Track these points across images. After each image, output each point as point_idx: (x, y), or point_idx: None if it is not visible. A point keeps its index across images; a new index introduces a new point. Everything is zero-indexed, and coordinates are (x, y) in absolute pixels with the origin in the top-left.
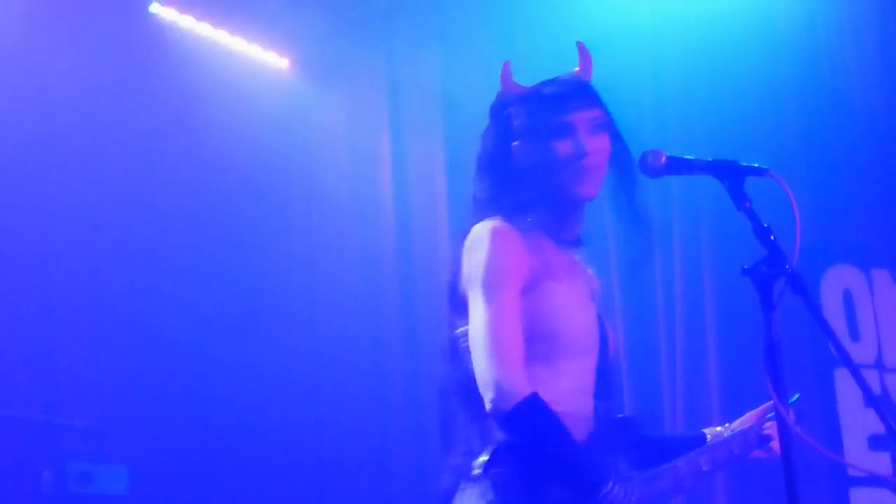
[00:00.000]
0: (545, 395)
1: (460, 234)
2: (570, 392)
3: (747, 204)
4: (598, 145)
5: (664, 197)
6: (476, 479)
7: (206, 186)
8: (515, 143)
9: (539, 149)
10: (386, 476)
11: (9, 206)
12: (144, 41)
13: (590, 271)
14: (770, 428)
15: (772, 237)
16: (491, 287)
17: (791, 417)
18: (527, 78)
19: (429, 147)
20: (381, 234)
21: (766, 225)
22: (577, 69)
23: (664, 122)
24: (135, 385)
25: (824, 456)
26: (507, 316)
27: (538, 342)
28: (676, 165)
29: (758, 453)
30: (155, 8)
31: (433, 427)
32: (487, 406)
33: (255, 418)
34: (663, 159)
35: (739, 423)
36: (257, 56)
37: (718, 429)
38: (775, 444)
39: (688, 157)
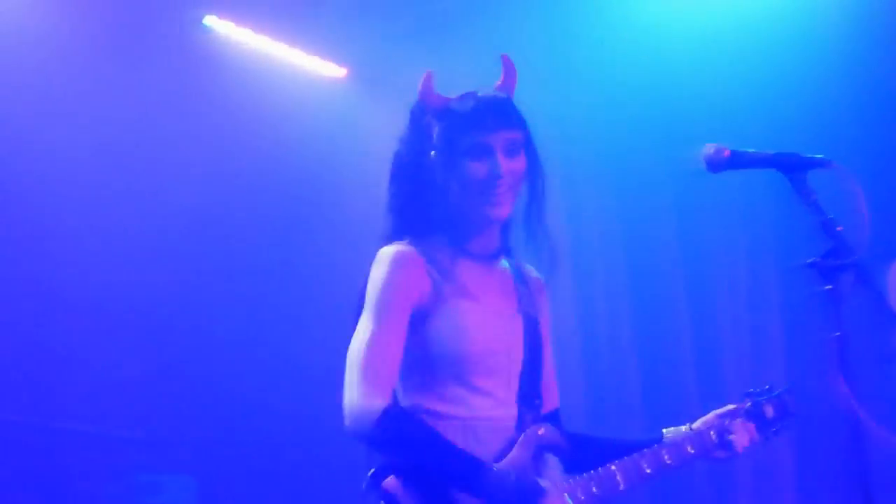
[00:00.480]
0: (465, 412)
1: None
2: (488, 406)
3: (812, 196)
4: (514, 166)
5: (726, 191)
6: (365, 494)
7: (266, 197)
8: (432, 153)
9: (453, 166)
10: None
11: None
12: (199, 54)
13: (533, 275)
14: (735, 427)
15: (838, 229)
16: (375, 310)
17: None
18: (587, 88)
19: None
20: None
21: (831, 217)
22: (498, 83)
23: (718, 118)
24: (201, 395)
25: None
26: (381, 340)
27: (449, 363)
28: (739, 160)
29: (718, 453)
30: (210, 20)
31: None
32: (347, 428)
33: (318, 424)
34: (726, 154)
35: (701, 423)
36: (315, 67)
37: (683, 428)
38: (737, 440)
39: (750, 150)
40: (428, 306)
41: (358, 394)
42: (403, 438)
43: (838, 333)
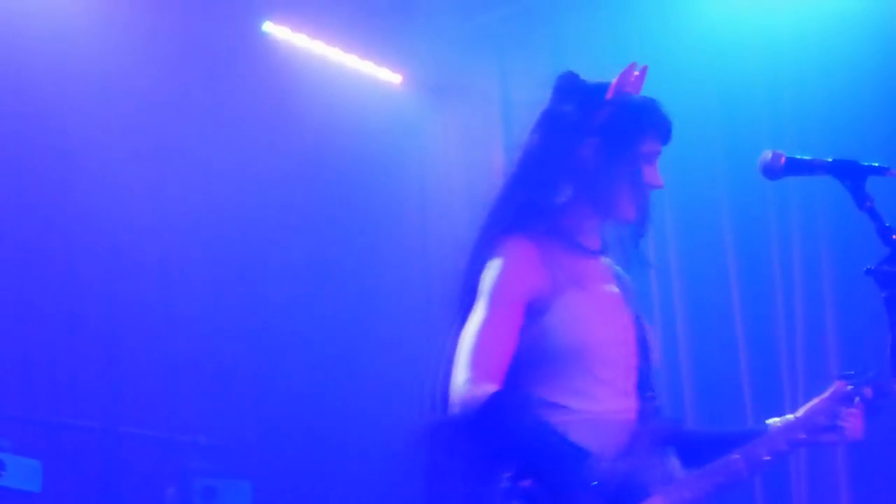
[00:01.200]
0: (591, 406)
1: (482, 243)
2: (613, 398)
3: (869, 203)
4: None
5: (783, 197)
6: (503, 499)
7: (322, 202)
8: (593, 139)
9: (621, 160)
10: None
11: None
12: (258, 60)
13: (622, 276)
14: (843, 410)
15: (895, 236)
16: (489, 299)
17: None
18: (651, 92)
19: None
20: None
21: (888, 224)
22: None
23: (779, 123)
24: (257, 400)
25: None
26: (494, 328)
27: (573, 354)
28: (796, 166)
29: (829, 437)
30: (268, 27)
31: None
32: (455, 412)
33: (373, 427)
34: (783, 160)
35: (807, 409)
36: (371, 72)
37: (790, 417)
38: (851, 426)
39: (807, 157)
40: (547, 298)
41: (466, 378)
42: (511, 424)
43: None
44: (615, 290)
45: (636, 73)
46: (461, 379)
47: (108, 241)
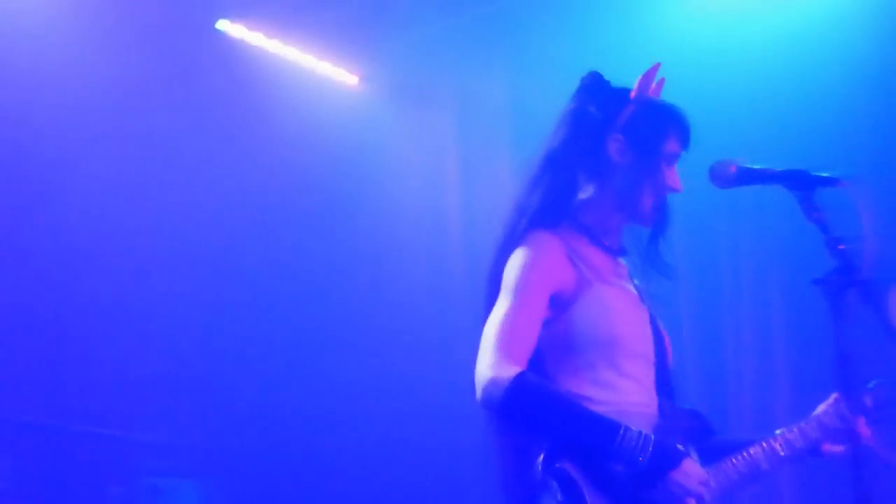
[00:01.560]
0: (615, 398)
1: (508, 238)
2: (636, 391)
3: (818, 214)
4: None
5: (733, 206)
6: (541, 480)
7: (276, 200)
8: (618, 136)
9: (645, 159)
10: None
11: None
12: (212, 58)
13: (637, 278)
14: (849, 421)
15: (843, 247)
16: (514, 290)
17: (870, 401)
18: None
19: (498, 164)
20: (450, 251)
21: (836, 234)
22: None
23: (732, 134)
24: (206, 401)
25: None
26: (518, 316)
27: (599, 346)
28: (747, 176)
29: (829, 447)
30: (222, 25)
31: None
32: (478, 397)
33: (325, 430)
34: (733, 169)
35: (816, 416)
36: (327, 73)
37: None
38: (864, 431)
39: (758, 166)
40: (573, 291)
41: (490, 363)
42: (538, 404)
43: (840, 350)
44: (633, 289)
45: (656, 79)
46: (486, 363)
47: (56, 238)
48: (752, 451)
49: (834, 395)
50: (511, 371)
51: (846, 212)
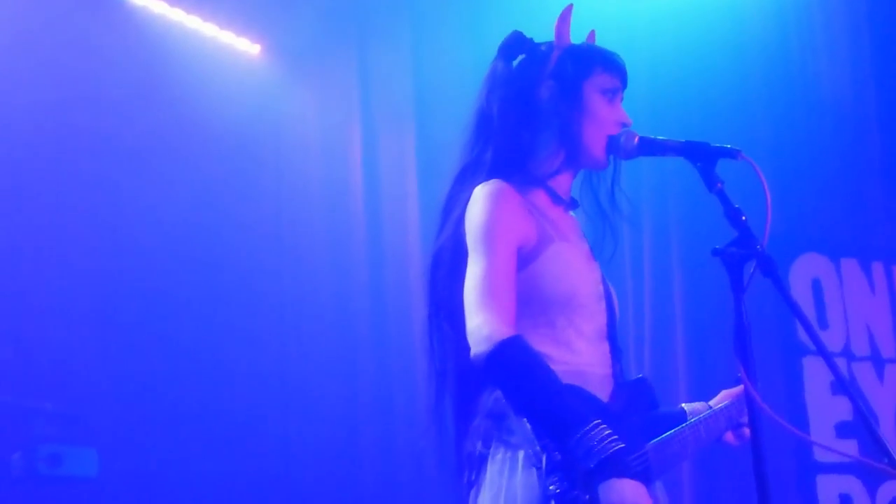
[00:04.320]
0: (573, 358)
1: (452, 197)
2: (590, 352)
3: (718, 185)
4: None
5: (635, 177)
6: (514, 445)
7: (175, 173)
8: (549, 82)
9: (577, 98)
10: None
11: None
12: (115, 26)
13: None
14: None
15: (743, 218)
16: (485, 245)
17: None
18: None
19: (400, 137)
20: (351, 225)
21: (737, 206)
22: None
23: (636, 111)
24: (105, 369)
25: (792, 443)
26: (497, 271)
27: (559, 305)
28: (649, 146)
29: (729, 438)
30: None
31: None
32: (472, 355)
33: (221, 407)
34: (636, 140)
35: (719, 401)
36: (229, 42)
37: (697, 405)
38: (746, 431)
39: (660, 137)
40: (535, 246)
41: (482, 320)
42: (518, 372)
43: (739, 322)
44: (586, 244)
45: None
46: (476, 321)
47: None
48: (687, 431)
49: (739, 388)
50: (501, 332)
51: (746, 184)
